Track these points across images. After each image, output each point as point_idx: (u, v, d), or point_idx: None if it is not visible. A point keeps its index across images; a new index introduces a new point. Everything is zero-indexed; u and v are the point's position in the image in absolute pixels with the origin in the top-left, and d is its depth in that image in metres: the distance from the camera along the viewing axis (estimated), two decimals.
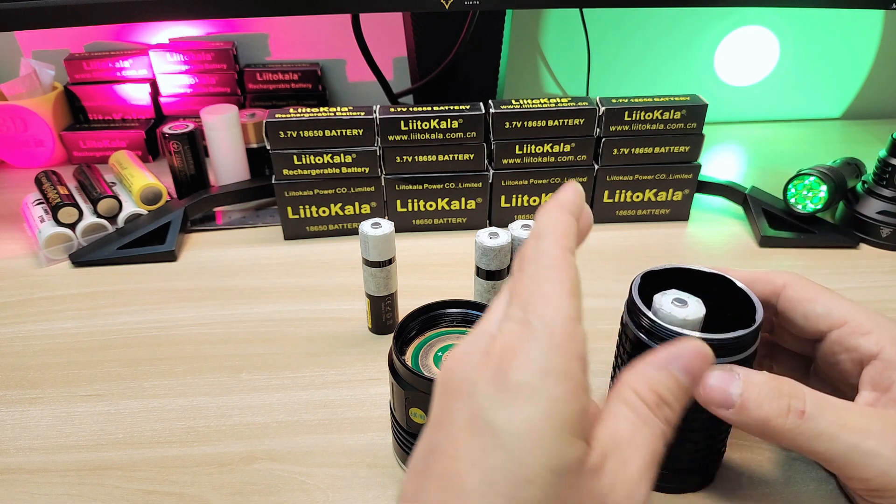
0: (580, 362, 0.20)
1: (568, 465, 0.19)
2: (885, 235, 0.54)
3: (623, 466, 0.21)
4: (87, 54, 0.73)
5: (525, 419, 0.19)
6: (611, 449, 0.21)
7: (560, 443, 0.19)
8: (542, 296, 0.20)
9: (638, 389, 0.22)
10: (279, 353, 0.43)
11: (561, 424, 0.19)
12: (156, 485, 0.33)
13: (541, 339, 0.20)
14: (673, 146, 0.55)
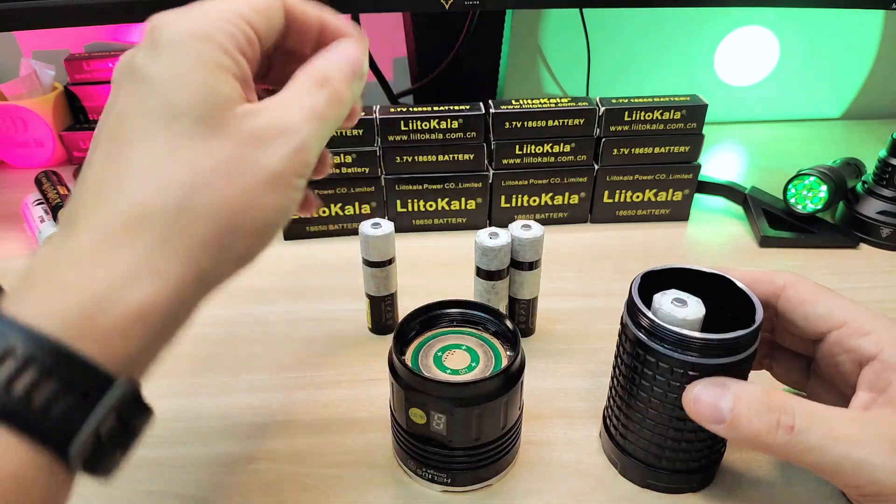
0: (227, 37, 0.23)
1: (217, 99, 0.22)
2: (885, 235, 0.54)
3: (282, 111, 0.23)
4: (87, 54, 0.73)
5: (174, 64, 0.22)
6: (271, 104, 0.23)
7: (208, 80, 0.22)
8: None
9: (306, 70, 0.25)
10: (279, 353, 0.43)
11: (207, 66, 0.22)
12: (156, 485, 0.33)
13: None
14: (673, 146, 0.55)
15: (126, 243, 0.21)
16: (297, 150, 0.23)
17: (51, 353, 0.19)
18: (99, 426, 0.20)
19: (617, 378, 0.32)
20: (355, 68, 0.26)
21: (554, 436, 0.36)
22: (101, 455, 0.20)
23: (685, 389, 0.28)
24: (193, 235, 0.21)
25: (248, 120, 0.22)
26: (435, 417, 0.30)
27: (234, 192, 0.22)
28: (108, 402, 0.20)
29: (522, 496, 0.33)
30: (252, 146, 0.22)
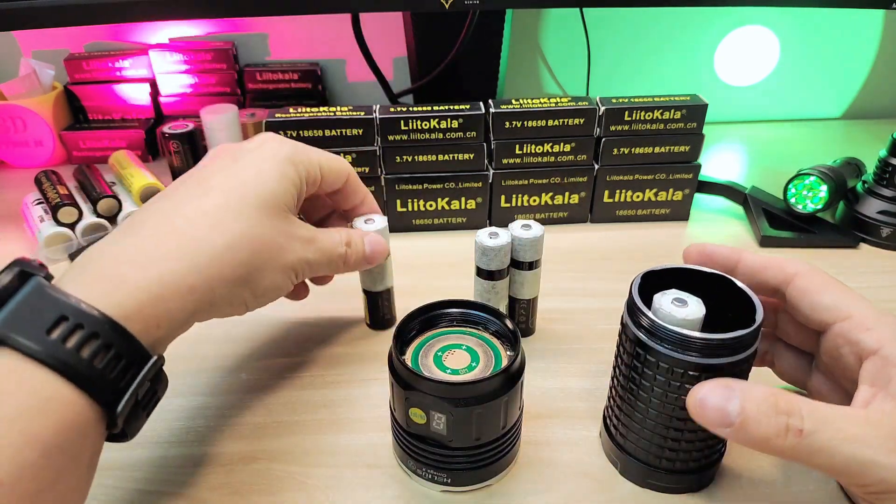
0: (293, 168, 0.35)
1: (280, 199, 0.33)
2: (885, 235, 0.54)
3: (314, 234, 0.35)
4: (87, 54, 0.73)
5: (264, 165, 0.33)
6: (311, 228, 0.36)
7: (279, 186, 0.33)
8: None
9: (347, 229, 0.38)
10: (279, 352, 0.43)
11: (284, 178, 0.34)
12: (156, 485, 0.33)
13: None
14: (673, 146, 0.55)
15: (175, 258, 0.29)
16: (306, 262, 0.35)
17: (110, 330, 0.25)
18: (138, 389, 0.26)
19: (617, 378, 0.32)
20: (373, 255, 0.39)
21: (554, 436, 0.36)
22: (134, 415, 0.27)
23: (689, 392, 0.27)
24: (223, 271, 0.30)
25: (293, 224, 0.34)
26: (435, 417, 0.30)
27: (261, 257, 0.31)
28: (146, 371, 0.26)
29: (522, 496, 0.33)
30: (287, 239, 0.33)
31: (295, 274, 0.34)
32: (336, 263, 0.36)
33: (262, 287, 0.32)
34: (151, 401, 0.28)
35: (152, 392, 0.28)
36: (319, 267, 0.35)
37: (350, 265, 0.37)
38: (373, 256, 0.39)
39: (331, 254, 0.36)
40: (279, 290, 0.34)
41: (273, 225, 0.32)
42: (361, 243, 0.38)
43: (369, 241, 0.38)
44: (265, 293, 0.33)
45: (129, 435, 0.27)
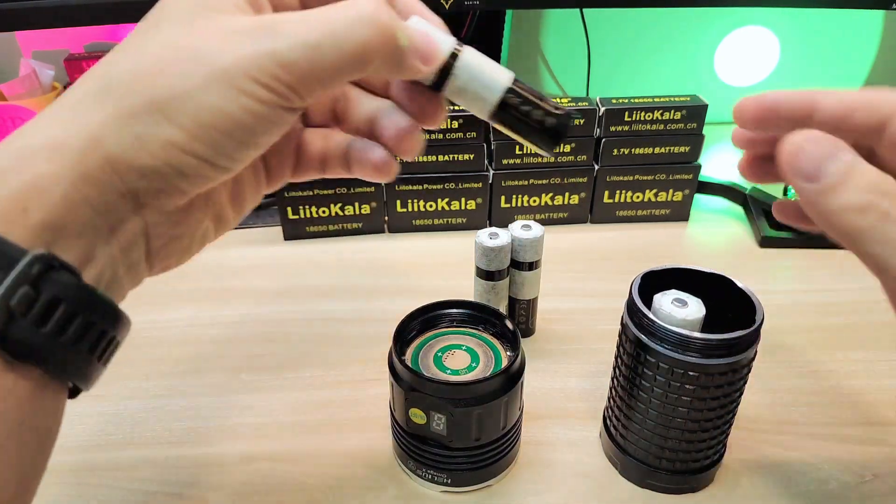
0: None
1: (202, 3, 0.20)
2: None
3: (276, 15, 0.21)
4: (87, 54, 0.73)
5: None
6: (272, 11, 0.22)
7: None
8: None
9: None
10: (279, 353, 0.43)
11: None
12: (156, 485, 0.33)
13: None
14: (673, 146, 0.55)
15: (53, 106, 0.20)
16: (272, 57, 0.19)
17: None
18: (7, 297, 0.17)
19: (617, 378, 0.32)
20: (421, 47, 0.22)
21: (554, 436, 0.36)
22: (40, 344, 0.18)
23: (789, 134, 0.23)
24: (97, 109, 0.19)
25: (223, 16, 0.20)
26: (435, 417, 0.30)
27: (162, 76, 0.19)
28: (16, 274, 0.17)
29: (522, 496, 0.33)
30: (209, 38, 0.20)
31: (255, 81, 0.19)
32: (363, 51, 0.20)
33: (192, 117, 0.19)
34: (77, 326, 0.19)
35: (50, 303, 0.18)
36: (317, 63, 0.20)
37: (393, 54, 0.21)
38: (422, 49, 0.23)
39: (335, 33, 0.20)
40: (232, 116, 0.20)
41: (181, 28, 0.20)
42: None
43: (417, 25, 0.23)
44: (204, 125, 0.20)
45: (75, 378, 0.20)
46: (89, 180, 0.19)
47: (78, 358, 0.19)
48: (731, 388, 0.29)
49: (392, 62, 0.22)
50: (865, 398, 0.39)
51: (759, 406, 0.38)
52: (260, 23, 0.20)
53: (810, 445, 0.35)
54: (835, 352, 0.42)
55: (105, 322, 0.20)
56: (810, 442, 0.36)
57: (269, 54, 0.19)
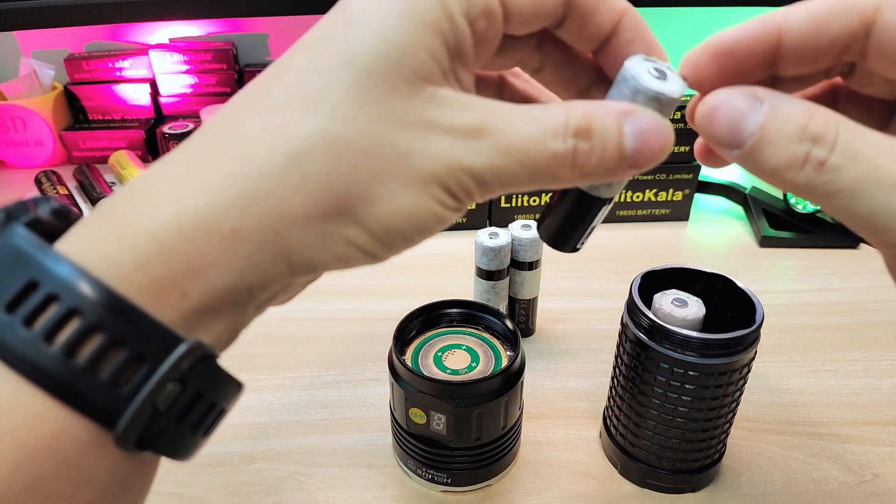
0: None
1: (404, 63, 0.17)
2: None
3: (487, 116, 0.18)
4: (87, 54, 0.73)
5: (378, 4, 0.17)
6: (483, 105, 0.18)
7: (403, 36, 0.17)
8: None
9: (579, 102, 0.19)
10: (279, 353, 0.43)
11: (411, 19, 0.17)
12: (156, 485, 0.33)
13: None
14: (673, 146, 0.55)
15: (205, 187, 0.17)
16: (466, 171, 0.18)
17: (99, 302, 0.15)
18: (154, 395, 0.16)
19: (617, 378, 0.32)
20: (639, 154, 0.19)
21: (554, 436, 0.36)
22: (162, 432, 0.17)
23: (705, 97, 0.19)
24: (290, 201, 0.17)
25: (430, 105, 0.18)
26: (435, 417, 0.30)
27: (362, 171, 0.17)
28: (169, 367, 0.16)
29: (522, 496, 0.33)
30: (414, 133, 0.17)
31: (447, 192, 0.18)
32: (547, 171, 0.18)
33: (380, 219, 0.18)
34: (201, 412, 0.18)
35: (193, 397, 0.17)
36: (506, 179, 0.18)
37: (586, 172, 0.19)
38: (639, 157, 0.19)
39: (530, 154, 0.18)
40: (419, 221, 0.18)
41: (385, 108, 0.17)
42: (615, 129, 0.18)
43: (636, 126, 0.18)
44: (387, 227, 0.18)
45: (178, 459, 0.18)
46: (258, 271, 0.18)
47: (194, 439, 0.18)
48: (731, 388, 0.29)
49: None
50: (865, 398, 0.39)
51: (759, 406, 0.38)
52: (465, 126, 0.18)
53: (810, 445, 0.35)
54: (835, 352, 0.42)
55: (226, 400, 0.19)
56: (810, 442, 0.36)
57: (467, 169, 0.18)
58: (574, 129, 0.18)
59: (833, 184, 0.18)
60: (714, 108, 0.19)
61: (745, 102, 0.19)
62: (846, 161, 0.18)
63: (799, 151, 0.18)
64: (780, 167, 0.18)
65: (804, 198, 0.19)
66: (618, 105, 0.18)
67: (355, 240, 0.18)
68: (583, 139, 0.18)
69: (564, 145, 0.18)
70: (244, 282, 0.17)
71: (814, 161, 0.18)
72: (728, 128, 0.19)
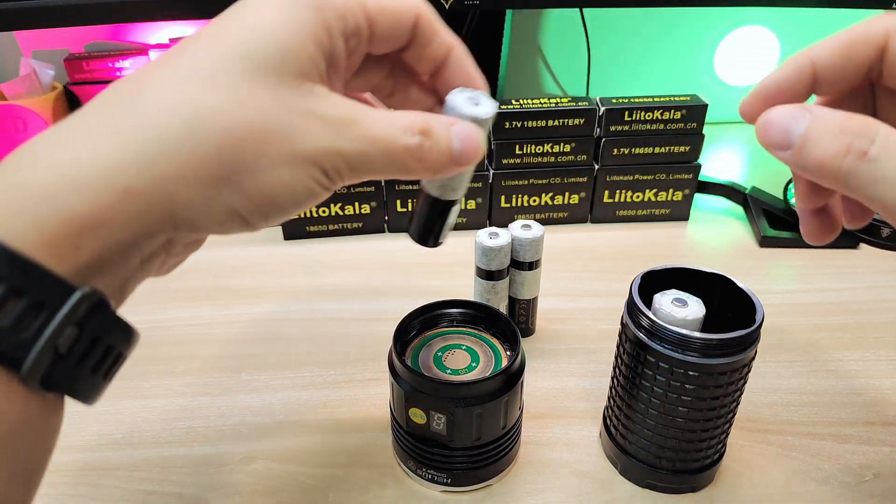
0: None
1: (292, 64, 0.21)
2: (885, 235, 0.54)
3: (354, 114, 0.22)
4: (87, 54, 0.73)
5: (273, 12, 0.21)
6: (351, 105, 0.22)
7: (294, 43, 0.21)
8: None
9: (421, 113, 0.24)
10: (279, 353, 0.43)
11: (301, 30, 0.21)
12: (156, 485, 0.33)
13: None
14: (673, 146, 0.55)
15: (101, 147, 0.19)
16: (338, 154, 0.21)
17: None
18: (55, 338, 0.18)
19: (617, 378, 0.32)
20: (463, 154, 0.24)
21: (554, 436, 0.36)
22: (65, 373, 0.19)
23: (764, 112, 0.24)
24: (180, 165, 0.20)
25: (314, 97, 0.21)
26: (435, 417, 0.30)
27: (249, 145, 0.20)
28: (67, 311, 0.18)
29: (522, 496, 0.33)
30: (300, 117, 0.21)
31: (321, 170, 0.22)
32: (402, 161, 0.23)
33: (260, 189, 0.21)
34: (100, 354, 0.20)
35: (92, 342, 0.19)
36: (370, 164, 0.22)
37: (427, 166, 0.23)
38: (463, 156, 0.24)
39: (388, 144, 0.22)
40: (291, 193, 0.21)
41: (275, 96, 0.21)
42: (446, 134, 0.23)
43: (459, 133, 0.24)
44: (267, 197, 0.21)
45: (82, 401, 0.20)
46: (146, 227, 0.20)
47: (94, 381, 0.20)
48: (731, 388, 0.29)
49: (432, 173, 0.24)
50: (865, 398, 0.39)
51: (759, 406, 0.38)
52: (339, 115, 0.22)
53: (810, 445, 0.35)
54: (835, 352, 0.42)
55: (122, 344, 0.21)
56: (810, 442, 0.36)
57: (339, 152, 0.21)
58: (419, 129, 0.23)
59: (875, 172, 0.21)
60: (769, 119, 0.23)
61: (795, 111, 0.23)
62: (886, 153, 0.21)
63: (842, 144, 0.22)
64: (825, 158, 0.22)
65: (849, 191, 0.22)
66: (447, 119, 0.24)
67: (236, 206, 0.21)
68: (425, 137, 0.23)
69: (413, 140, 0.23)
70: (132, 237, 0.20)
71: (856, 151, 0.21)
72: (781, 131, 0.23)
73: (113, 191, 0.19)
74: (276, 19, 0.21)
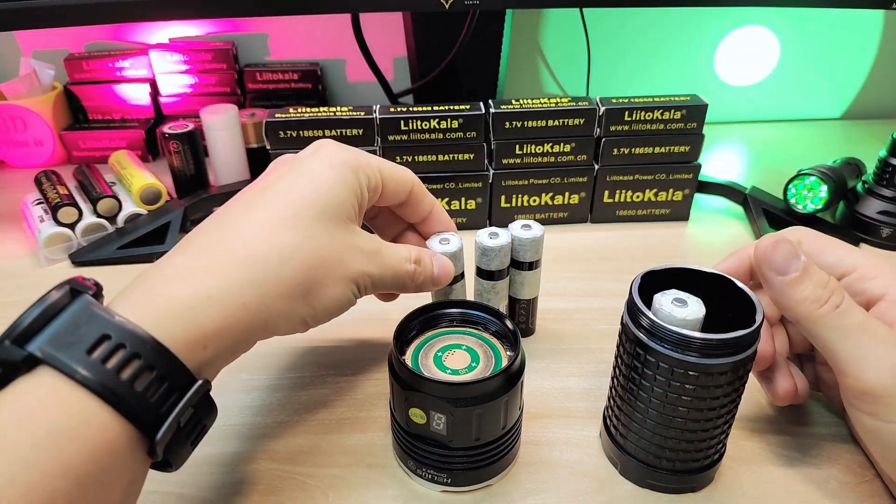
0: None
1: (340, 209, 0.31)
2: (885, 235, 0.54)
3: (379, 248, 0.33)
4: (87, 54, 0.73)
5: (325, 170, 0.31)
6: (376, 241, 0.33)
7: (341, 193, 0.31)
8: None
9: (418, 248, 0.35)
10: (279, 352, 0.43)
11: (345, 185, 0.31)
12: (156, 485, 0.33)
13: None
14: (673, 146, 0.55)
15: (225, 273, 0.27)
16: (368, 276, 0.32)
17: (153, 351, 0.24)
18: (180, 415, 0.24)
19: (617, 378, 0.32)
20: (439, 277, 0.36)
21: (554, 436, 0.36)
22: (177, 443, 0.25)
23: (762, 238, 0.30)
24: (278, 287, 0.28)
25: (355, 234, 0.31)
26: (435, 417, 0.30)
27: (319, 271, 0.29)
28: (189, 396, 0.25)
29: (522, 496, 0.33)
30: (348, 250, 0.31)
31: (357, 287, 0.31)
32: (403, 281, 0.34)
33: (322, 302, 0.30)
34: (196, 429, 0.26)
35: (196, 419, 0.26)
36: (384, 283, 0.33)
37: (417, 285, 0.35)
38: (439, 279, 0.36)
39: (397, 270, 0.33)
40: (340, 304, 0.31)
41: (332, 235, 0.30)
42: (430, 263, 0.35)
43: (438, 263, 0.36)
44: (326, 308, 0.30)
45: (174, 465, 0.26)
46: (250, 335, 0.28)
47: (188, 450, 0.26)
48: (731, 388, 0.29)
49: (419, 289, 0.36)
50: None
51: (759, 406, 0.38)
52: (370, 248, 0.32)
53: (810, 445, 0.35)
54: None
55: (209, 420, 0.27)
56: (810, 442, 0.36)
57: (369, 274, 0.32)
58: (414, 259, 0.34)
59: (839, 322, 0.28)
60: (777, 242, 0.30)
61: (796, 249, 0.29)
62: (850, 309, 0.29)
63: (822, 293, 0.29)
64: (808, 298, 0.29)
65: (808, 327, 0.29)
66: (430, 251, 0.36)
67: (306, 315, 0.30)
68: (418, 265, 0.34)
69: (411, 267, 0.34)
70: (238, 342, 0.27)
71: (832, 302, 0.28)
72: (783, 259, 0.29)
73: (235, 306, 0.26)
74: (330, 179, 0.30)
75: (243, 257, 0.27)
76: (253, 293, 0.27)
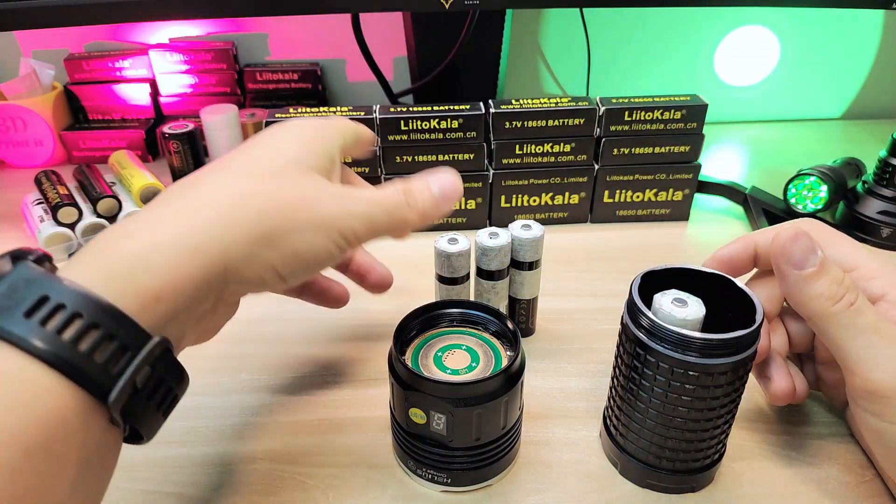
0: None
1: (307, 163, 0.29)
2: (885, 235, 0.54)
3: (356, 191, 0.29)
4: (87, 54, 0.73)
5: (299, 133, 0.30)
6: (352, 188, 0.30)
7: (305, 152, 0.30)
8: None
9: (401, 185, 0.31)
10: (279, 353, 0.43)
11: (311, 147, 0.30)
12: (156, 485, 0.33)
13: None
14: (673, 146, 0.55)
15: (174, 220, 0.25)
16: (352, 217, 0.29)
17: (96, 309, 0.22)
18: (135, 375, 0.22)
19: (617, 378, 0.32)
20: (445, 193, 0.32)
21: (554, 436, 0.36)
22: (138, 407, 0.23)
23: (781, 230, 0.30)
24: (232, 227, 0.26)
25: (321, 182, 0.29)
26: (435, 417, 0.30)
27: (280, 213, 0.27)
28: (144, 354, 0.23)
29: (522, 496, 0.33)
30: (318, 193, 0.28)
31: (342, 235, 0.28)
32: (399, 213, 0.30)
33: (291, 246, 0.27)
34: (163, 393, 0.24)
35: (158, 381, 0.24)
36: (376, 222, 0.29)
37: (420, 212, 0.31)
38: (444, 197, 0.32)
39: (387, 204, 0.30)
40: (314, 252, 0.28)
41: (294, 182, 0.28)
42: (426, 186, 0.31)
43: (436, 182, 0.32)
44: (296, 254, 0.27)
45: (144, 435, 0.24)
46: (209, 283, 0.25)
47: (157, 417, 0.24)
48: (731, 388, 0.29)
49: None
50: None
51: (759, 406, 0.38)
52: (339, 192, 0.29)
53: (810, 445, 0.35)
54: None
55: (178, 386, 0.25)
56: (810, 442, 0.36)
57: (351, 213, 0.28)
58: (402, 188, 0.31)
59: (851, 320, 0.28)
60: (796, 235, 0.29)
61: (815, 244, 0.29)
62: (864, 307, 0.29)
63: (838, 290, 0.29)
64: (823, 294, 0.29)
65: (820, 324, 0.29)
66: (422, 175, 0.32)
67: (274, 261, 0.27)
68: (408, 193, 0.31)
69: (402, 195, 0.30)
70: (200, 292, 0.25)
71: (847, 300, 0.28)
72: (802, 253, 0.29)
73: (187, 249, 0.24)
74: (288, 141, 0.30)
75: (197, 206, 0.26)
76: (205, 236, 0.25)
